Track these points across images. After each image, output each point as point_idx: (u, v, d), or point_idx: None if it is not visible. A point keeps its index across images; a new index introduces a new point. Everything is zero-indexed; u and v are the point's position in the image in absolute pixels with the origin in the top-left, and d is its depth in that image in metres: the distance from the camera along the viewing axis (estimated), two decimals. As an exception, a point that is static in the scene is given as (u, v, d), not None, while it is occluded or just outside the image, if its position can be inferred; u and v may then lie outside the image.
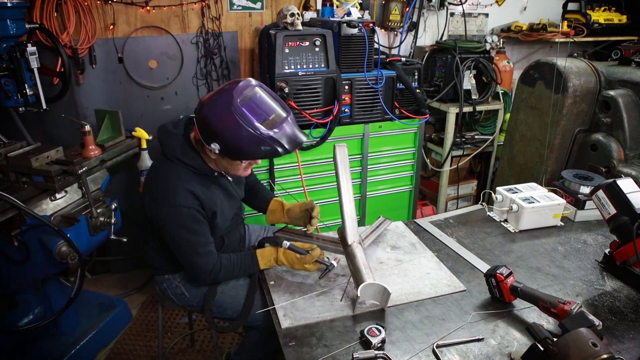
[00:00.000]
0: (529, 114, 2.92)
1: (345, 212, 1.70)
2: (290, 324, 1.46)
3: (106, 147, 2.32)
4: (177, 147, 1.60)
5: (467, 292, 1.61)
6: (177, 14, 2.97)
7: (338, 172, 1.71)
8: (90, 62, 2.86)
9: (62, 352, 2.38)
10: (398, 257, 1.82)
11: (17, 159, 1.95)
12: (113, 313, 2.70)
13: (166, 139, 1.64)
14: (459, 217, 2.17)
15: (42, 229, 1.99)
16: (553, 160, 2.82)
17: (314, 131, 2.68)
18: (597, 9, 3.77)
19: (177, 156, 1.59)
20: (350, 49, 2.64)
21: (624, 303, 1.55)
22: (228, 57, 3.15)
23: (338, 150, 1.71)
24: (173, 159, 1.60)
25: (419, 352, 1.33)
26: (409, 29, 3.55)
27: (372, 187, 3.00)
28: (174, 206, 1.55)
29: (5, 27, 2.11)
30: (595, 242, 1.94)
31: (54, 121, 2.82)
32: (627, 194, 1.60)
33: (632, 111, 2.55)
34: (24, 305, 2.52)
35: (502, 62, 3.63)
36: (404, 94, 2.87)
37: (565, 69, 2.65)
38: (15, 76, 2.21)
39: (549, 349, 1.13)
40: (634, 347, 1.35)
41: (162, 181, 1.60)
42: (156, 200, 1.59)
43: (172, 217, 1.57)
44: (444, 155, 3.43)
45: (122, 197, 3.08)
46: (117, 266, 3.36)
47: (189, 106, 3.19)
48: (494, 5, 3.82)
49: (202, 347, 2.67)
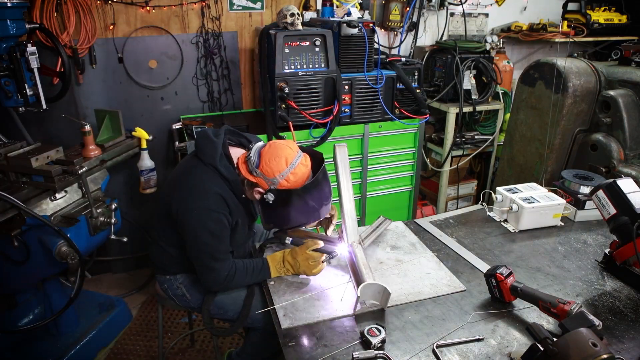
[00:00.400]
0: (529, 114, 2.92)
1: (346, 212, 1.70)
2: (290, 324, 1.46)
3: (106, 147, 2.32)
4: (216, 156, 1.63)
5: (467, 292, 1.61)
6: (177, 14, 2.97)
7: (338, 172, 1.71)
8: (90, 62, 2.86)
9: (62, 352, 2.38)
10: (398, 257, 1.82)
11: (17, 159, 1.95)
12: (113, 313, 2.70)
13: (206, 145, 1.66)
14: (459, 217, 2.17)
15: (42, 229, 1.99)
16: (553, 160, 2.82)
17: (314, 131, 2.68)
18: (597, 9, 3.77)
19: (215, 165, 1.62)
20: (350, 49, 2.64)
21: (624, 303, 1.55)
22: (228, 57, 3.15)
23: (338, 150, 1.71)
24: (209, 165, 1.62)
25: (419, 352, 1.33)
26: (409, 29, 3.55)
27: (372, 187, 3.00)
28: (205, 208, 1.57)
29: (5, 27, 2.11)
30: (595, 242, 1.94)
31: (54, 121, 2.82)
32: (627, 194, 1.60)
33: (632, 111, 2.55)
34: (24, 305, 2.52)
35: (502, 62, 3.62)
36: (404, 94, 2.87)
37: (565, 69, 2.65)
38: (15, 76, 2.21)
39: (549, 349, 1.13)
40: (634, 347, 1.35)
41: (196, 182, 1.62)
42: (186, 199, 1.60)
43: (200, 219, 1.57)
44: (444, 155, 3.43)
45: (122, 197, 3.08)
46: (117, 266, 3.37)
47: (189, 106, 3.19)
48: (494, 5, 3.82)
49: (202, 347, 2.67)
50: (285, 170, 1.54)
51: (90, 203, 2.17)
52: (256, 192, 1.61)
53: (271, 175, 1.54)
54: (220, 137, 1.69)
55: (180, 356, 2.60)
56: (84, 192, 2.18)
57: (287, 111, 2.59)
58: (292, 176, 1.55)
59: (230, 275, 1.64)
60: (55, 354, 2.37)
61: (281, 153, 1.55)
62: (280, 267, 1.68)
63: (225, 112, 3.21)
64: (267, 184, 1.56)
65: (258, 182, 1.58)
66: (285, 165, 1.54)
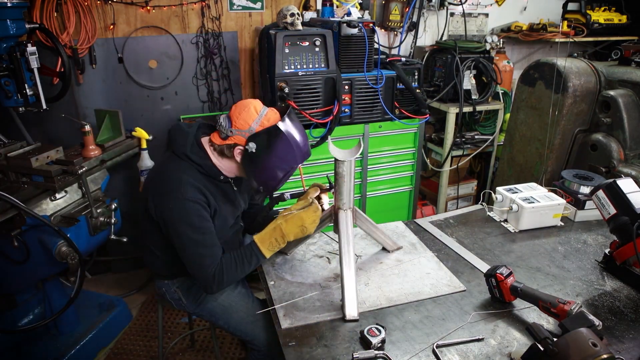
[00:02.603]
0: (529, 114, 2.92)
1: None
2: (290, 324, 1.46)
3: (106, 147, 2.32)
4: (187, 145, 1.64)
5: (467, 292, 1.61)
6: (177, 14, 2.97)
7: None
8: (90, 62, 2.86)
9: (62, 352, 2.38)
10: (398, 257, 1.82)
11: (17, 159, 1.95)
12: (113, 313, 2.70)
13: (178, 136, 1.67)
14: (459, 217, 2.17)
15: (42, 229, 1.99)
16: (553, 160, 2.82)
17: (314, 131, 2.68)
18: (597, 9, 3.77)
19: (186, 153, 1.62)
20: (350, 49, 2.64)
21: (624, 303, 1.55)
22: (228, 57, 3.15)
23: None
24: (181, 155, 1.63)
25: (419, 352, 1.33)
26: (409, 29, 3.55)
27: (372, 187, 3.00)
28: (181, 200, 1.55)
29: (5, 27, 2.11)
30: (595, 242, 1.94)
31: (54, 121, 2.82)
32: (627, 194, 1.60)
33: (632, 111, 2.55)
34: (24, 305, 2.52)
35: (502, 62, 3.62)
36: (404, 94, 2.88)
37: (565, 69, 2.65)
38: (15, 76, 2.21)
39: (549, 349, 1.13)
40: (634, 347, 1.35)
41: (168, 176, 1.61)
42: (161, 194, 1.59)
43: (178, 212, 1.55)
44: (444, 155, 3.43)
45: (122, 197, 3.08)
46: (117, 266, 3.37)
47: (189, 106, 3.19)
48: (494, 5, 3.82)
49: (202, 347, 2.67)
50: (257, 117, 1.58)
51: (90, 203, 2.17)
52: (237, 153, 1.61)
53: (246, 126, 1.57)
54: (193, 128, 1.71)
55: (180, 356, 2.60)
56: (84, 192, 2.18)
57: (287, 111, 2.59)
58: (266, 121, 1.58)
59: (218, 272, 1.57)
60: (55, 354, 2.37)
61: (248, 104, 1.60)
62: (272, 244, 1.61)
63: (225, 112, 3.21)
64: (244, 137, 1.58)
65: (235, 140, 1.59)
66: (256, 113, 1.58)
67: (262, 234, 1.62)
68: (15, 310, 2.48)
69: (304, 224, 1.59)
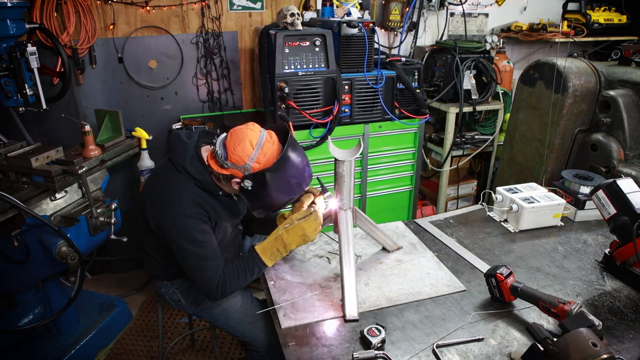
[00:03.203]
0: (529, 114, 2.92)
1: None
2: (290, 324, 1.46)
3: (106, 147, 2.32)
4: (187, 157, 1.59)
5: (467, 292, 1.61)
6: (177, 14, 2.97)
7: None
8: (90, 62, 2.86)
9: (62, 352, 2.38)
10: (398, 257, 1.82)
11: (17, 159, 1.94)
12: (113, 313, 2.70)
13: (177, 147, 1.62)
14: (459, 217, 2.17)
15: (42, 229, 1.99)
16: (553, 160, 2.82)
17: (314, 131, 2.68)
18: (597, 9, 3.77)
19: (185, 167, 1.58)
20: (350, 49, 2.64)
21: (624, 303, 1.55)
22: (228, 57, 3.15)
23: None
24: (180, 168, 1.59)
25: (419, 352, 1.33)
26: (409, 29, 3.55)
27: (372, 187, 3.00)
28: (181, 215, 1.53)
29: (5, 27, 2.11)
30: (595, 242, 1.94)
31: (54, 121, 2.82)
32: (627, 194, 1.60)
33: (632, 111, 2.55)
34: (24, 305, 2.52)
35: (502, 62, 3.62)
36: (404, 94, 2.87)
37: (565, 69, 2.65)
38: (15, 76, 2.21)
39: (549, 349, 1.13)
40: (634, 347, 1.35)
41: (167, 190, 1.58)
42: (161, 209, 1.57)
43: (178, 228, 1.54)
44: (444, 155, 3.43)
45: (122, 197, 3.08)
46: (117, 266, 3.37)
47: (189, 106, 3.19)
48: (494, 5, 3.82)
49: (202, 347, 2.67)
50: (253, 153, 1.49)
51: (90, 203, 2.17)
52: (234, 183, 1.56)
53: (241, 162, 1.49)
54: (193, 138, 1.65)
55: (180, 356, 2.60)
56: (84, 192, 2.18)
57: (287, 111, 2.59)
58: (262, 156, 1.50)
59: (221, 282, 1.58)
60: (55, 354, 2.37)
61: (244, 137, 1.50)
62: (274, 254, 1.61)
63: (225, 112, 3.21)
64: (241, 172, 1.51)
65: (231, 172, 1.53)
66: (252, 148, 1.49)
67: (263, 244, 1.62)
68: (15, 310, 2.48)
69: (305, 233, 1.59)
